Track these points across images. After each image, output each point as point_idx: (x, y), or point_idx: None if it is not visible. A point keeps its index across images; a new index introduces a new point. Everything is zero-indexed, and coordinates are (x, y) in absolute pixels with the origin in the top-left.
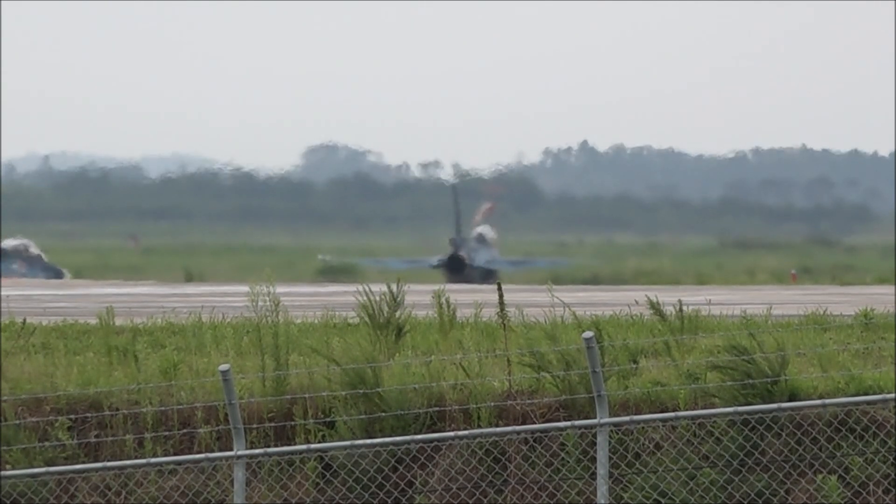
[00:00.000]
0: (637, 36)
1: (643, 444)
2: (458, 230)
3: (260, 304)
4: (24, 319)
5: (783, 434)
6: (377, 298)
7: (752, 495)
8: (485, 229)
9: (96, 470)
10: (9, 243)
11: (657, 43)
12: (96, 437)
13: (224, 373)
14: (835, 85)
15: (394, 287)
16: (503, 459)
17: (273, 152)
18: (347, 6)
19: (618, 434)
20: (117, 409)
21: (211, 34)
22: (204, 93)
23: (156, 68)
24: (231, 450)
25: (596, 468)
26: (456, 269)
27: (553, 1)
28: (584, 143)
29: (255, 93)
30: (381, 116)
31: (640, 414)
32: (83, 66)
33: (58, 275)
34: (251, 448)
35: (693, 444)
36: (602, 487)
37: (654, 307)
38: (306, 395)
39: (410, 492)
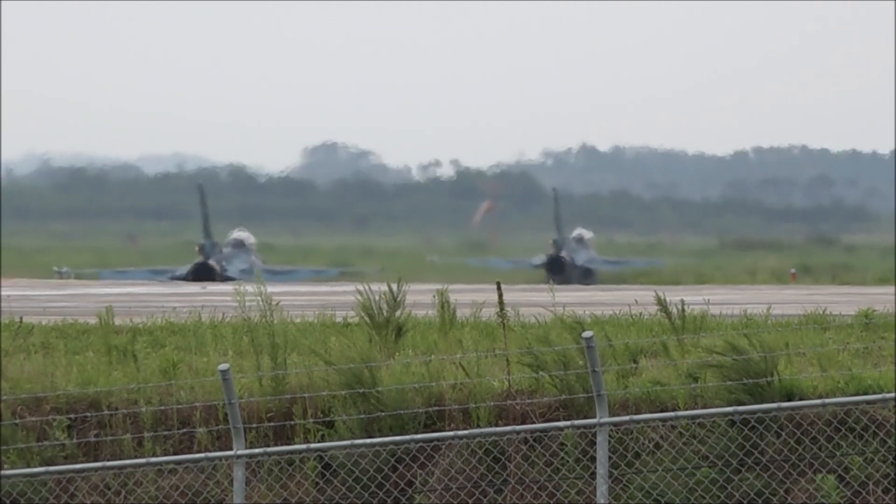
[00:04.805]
0: (638, 37)
1: (643, 444)
2: (559, 232)
3: (259, 303)
4: (21, 318)
5: (782, 433)
6: (377, 298)
7: (752, 495)
8: (583, 231)
9: (96, 469)
10: (240, 236)
11: (657, 44)
12: (96, 436)
13: (223, 372)
14: (834, 85)
15: (394, 287)
16: (503, 459)
17: (273, 152)
18: (348, 7)
19: (617, 434)
20: (117, 409)
21: (211, 35)
22: (203, 93)
23: (155, 68)
24: (230, 449)
25: (595, 468)
26: (557, 269)
27: (554, 2)
28: (585, 143)
29: (256, 93)
30: (382, 117)
31: (639, 413)
32: (83, 66)
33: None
34: (251, 448)
35: (692, 443)
36: (602, 487)
37: (661, 304)
38: (306, 395)
39: (410, 491)
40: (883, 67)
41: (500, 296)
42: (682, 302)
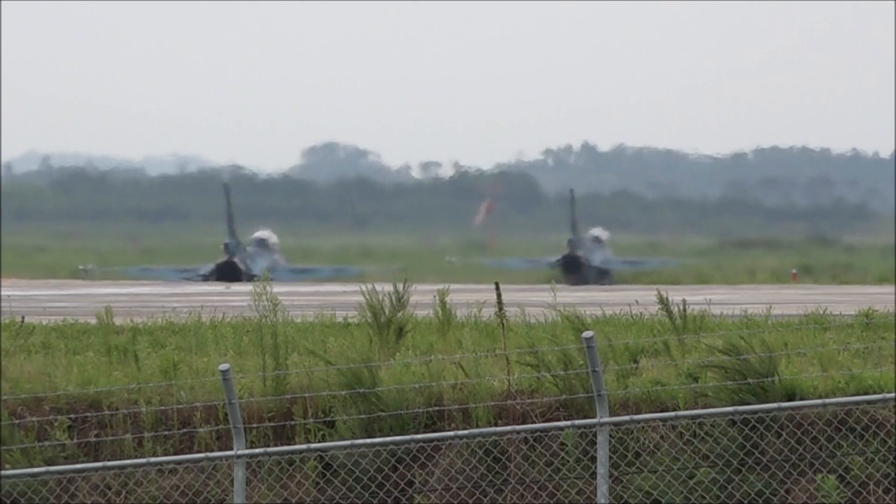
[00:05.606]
0: (638, 37)
1: (643, 444)
2: (575, 232)
3: (264, 303)
4: (23, 318)
5: (783, 433)
6: (380, 298)
7: (752, 495)
8: (599, 231)
9: (96, 469)
10: (263, 235)
11: (658, 44)
12: (96, 436)
13: (224, 372)
14: (835, 85)
15: (399, 287)
16: (503, 459)
17: (273, 152)
18: (348, 6)
19: (618, 433)
20: (117, 409)
21: (211, 34)
22: (204, 93)
23: (155, 69)
24: (231, 449)
25: (596, 468)
26: (572, 268)
27: (554, 2)
28: (585, 142)
29: (255, 93)
30: (382, 116)
31: (639, 413)
32: (83, 66)
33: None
34: (251, 447)
35: (693, 443)
36: (602, 487)
37: (663, 303)
38: (306, 395)
39: (410, 491)
40: (883, 67)
41: (499, 296)
42: (685, 302)
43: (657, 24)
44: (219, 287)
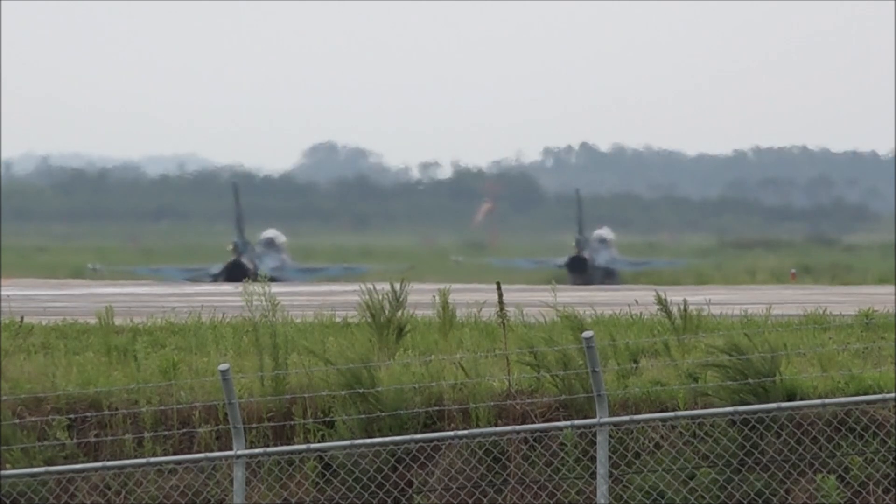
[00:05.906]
0: (637, 36)
1: (643, 444)
2: (581, 232)
3: (258, 303)
4: (22, 318)
5: (783, 434)
6: (379, 297)
7: (752, 495)
8: (605, 231)
9: (96, 469)
10: (272, 235)
11: (657, 43)
12: (96, 436)
13: (223, 372)
14: (834, 85)
15: (397, 286)
16: (503, 459)
17: (273, 152)
18: (348, 6)
19: (617, 434)
20: (117, 409)
21: (211, 34)
22: (204, 93)
23: (155, 68)
24: (231, 449)
25: (596, 468)
26: (578, 269)
27: (554, 3)
28: (585, 142)
29: (256, 93)
30: (382, 117)
31: (639, 413)
32: (83, 67)
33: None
34: (251, 448)
35: (692, 443)
36: (602, 487)
37: (662, 303)
38: (305, 395)
39: (410, 491)
40: (883, 67)
41: (500, 296)
42: (685, 302)
43: (657, 24)
44: (223, 287)
